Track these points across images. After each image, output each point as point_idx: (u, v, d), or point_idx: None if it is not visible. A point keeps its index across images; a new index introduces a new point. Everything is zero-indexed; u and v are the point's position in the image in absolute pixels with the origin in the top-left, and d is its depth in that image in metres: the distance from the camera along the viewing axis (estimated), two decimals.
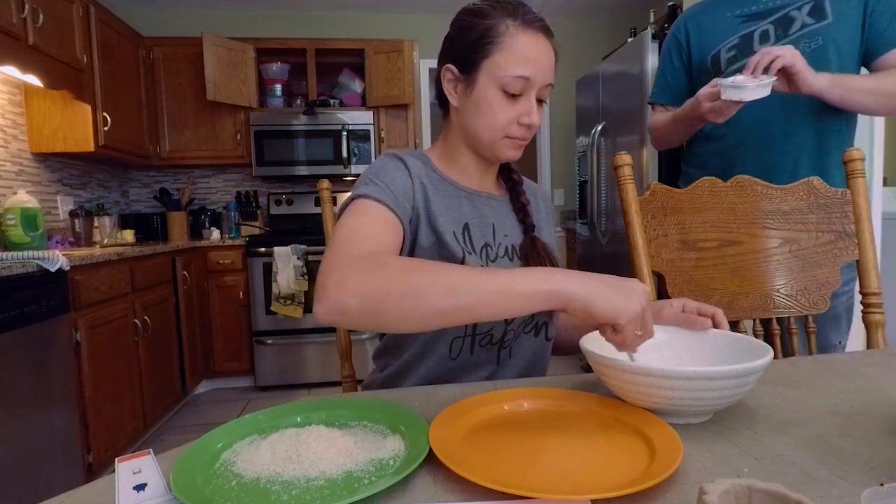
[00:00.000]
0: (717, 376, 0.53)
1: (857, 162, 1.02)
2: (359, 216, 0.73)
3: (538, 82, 0.78)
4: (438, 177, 0.87)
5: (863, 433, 0.54)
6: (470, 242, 0.84)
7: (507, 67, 0.77)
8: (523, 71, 0.77)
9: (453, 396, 0.68)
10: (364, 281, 0.58)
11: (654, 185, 1.03)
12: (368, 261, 0.61)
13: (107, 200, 3.31)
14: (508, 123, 0.80)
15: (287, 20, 3.72)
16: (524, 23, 0.77)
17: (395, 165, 0.82)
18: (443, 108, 0.89)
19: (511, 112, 0.79)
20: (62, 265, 1.76)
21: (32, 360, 1.67)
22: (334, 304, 0.57)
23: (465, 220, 0.85)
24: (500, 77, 0.77)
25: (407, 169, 0.82)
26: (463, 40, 0.80)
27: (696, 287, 1.03)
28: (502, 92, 0.78)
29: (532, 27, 0.78)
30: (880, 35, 1.12)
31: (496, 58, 0.77)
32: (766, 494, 0.32)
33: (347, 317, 0.58)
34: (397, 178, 0.80)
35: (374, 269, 0.59)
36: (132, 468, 0.49)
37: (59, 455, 1.77)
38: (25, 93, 2.56)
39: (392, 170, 0.81)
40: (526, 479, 0.46)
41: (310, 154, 3.40)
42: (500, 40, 0.77)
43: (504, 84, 0.77)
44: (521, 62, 0.77)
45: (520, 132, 0.81)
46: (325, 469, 0.49)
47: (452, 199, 0.86)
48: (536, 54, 0.77)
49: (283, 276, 3.01)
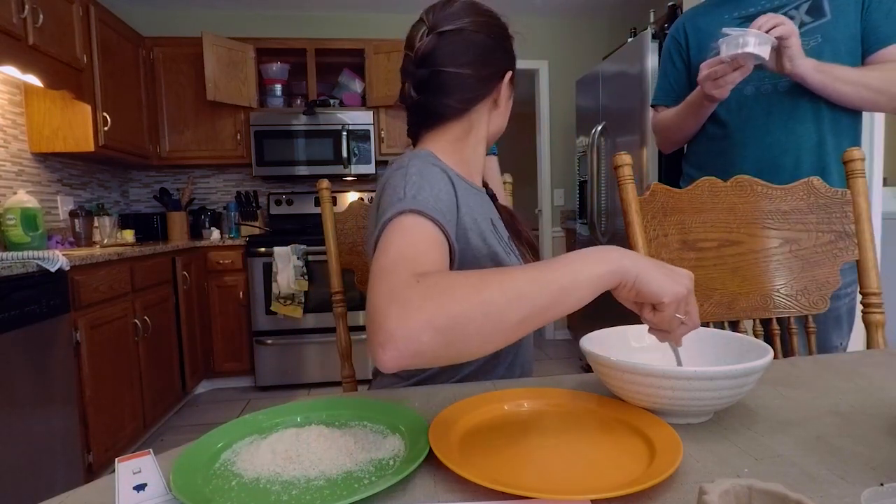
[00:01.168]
0: (717, 376, 0.53)
1: (857, 162, 1.02)
2: (403, 235, 0.63)
3: None
4: (456, 175, 0.83)
5: (863, 433, 0.54)
6: (499, 236, 0.87)
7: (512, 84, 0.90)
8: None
9: (453, 396, 0.68)
10: (435, 312, 0.49)
11: (654, 185, 1.03)
12: (430, 286, 0.52)
13: (107, 200, 3.31)
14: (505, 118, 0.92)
15: (287, 20, 3.72)
16: None
17: (438, 175, 0.74)
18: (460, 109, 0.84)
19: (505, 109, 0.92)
20: (62, 265, 1.76)
21: (32, 360, 1.67)
22: (405, 346, 0.48)
23: (488, 215, 0.88)
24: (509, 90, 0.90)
25: (448, 177, 0.76)
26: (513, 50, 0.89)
27: (696, 287, 1.02)
28: None
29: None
30: (874, 31, 1.12)
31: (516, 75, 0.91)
32: (766, 494, 0.32)
33: (423, 356, 0.49)
34: (443, 190, 0.72)
35: (441, 294, 0.50)
36: (132, 468, 0.49)
37: (59, 455, 1.77)
38: (25, 93, 2.56)
39: (436, 179, 0.73)
40: (526, 479, 0.46)
41: (310, 154, 3.40)
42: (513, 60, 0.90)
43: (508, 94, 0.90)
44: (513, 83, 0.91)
45: None
46: (325, 469, 0.49)
47: (473, 197, 0.85)
48: None
49: (283, 276, 3.01)
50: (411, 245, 0.62)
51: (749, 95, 1.21)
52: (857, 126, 1.21)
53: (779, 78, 1.18)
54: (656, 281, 0.55)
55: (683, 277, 0.58)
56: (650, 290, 0.55)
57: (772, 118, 1.19)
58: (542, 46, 3.97)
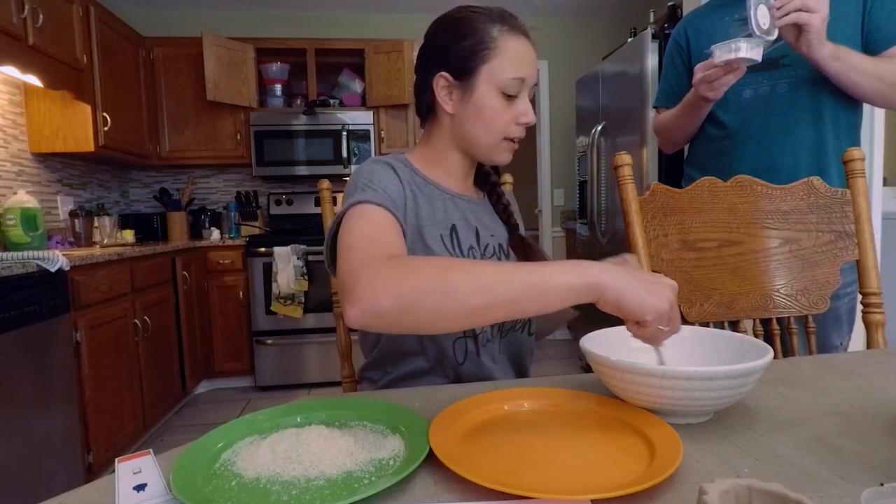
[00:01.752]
0: (717, 376, 0.53)
1: (857, 162, 1.02)
2: (364, 219, 0.72)
3: (530, 82, 0.83)
4: (422, 180, 0.88)
5: (863, 433, 0.54)
6: (458, 244, 0.86)
7: (505, 71, 0.80)
8: (520, 73, 0.81)
9: (453, 396, 0.68)
10: (398, 281, 0.57)
11: (653, 185, 1.03)
12: (398, 262, 0.60)
13: (107, 200, 3.31)
14: (507, 125, 0.83)
15: (287, 20, 3.72)
16: (512, 27, 0.82)
17: (386, 171, 0.82)
18: (425, 114, 0.90)
19: (510, 113, 0.82)
20: (62, 265, 1.76)
21: (32, 360, 1.67)
22: (368, 307, 0.56)
23: (451, 221, 0.87)
24: (500, 80, 0.80)
25: (397, 175, 0.83)
26: (458, 48, 0.81)
27: (696, 287, 1.02)
28: (502, 95, 0.81)
29: (520, 31, 0.83)
30: (879, 30, 1.12)
31: (494, 63, 0.80)
32: (766, 494, 0.32)
33: (382, 318, 0.57)
34: (390, 184, 0.80)
35: (407, 269, 0.58)
36: (132, 468, 0.49)
37: (59, 455, 1.77)
38: (25, 93, 2.56)
39: (383, 175, 0.81)
40: (526, 479, 0.46)
41: (310, 154, 3.40)
42: (495, 45, 0.80)
43: (503, 87, 0.80)
44: (516, 65, 0.81)
45: (517, 132, 0.84)
46: (325, 469, 0.49)
47: (438, 202, 0.87)
48: (529, 56, 0.82)
49: (283, 276, 3.01)
50: (374, 226, 0.70)
51: (747, 98, 1.21)
52: (857, 126, 1.21)
53: (777, 79, 1.17)
54: (638, 298, 0.55)
55: (666, 290, 0.57)
56: (632, 307, 0.55)
57: (770, 119, 1.19)
58: (542, 46, 3.96)
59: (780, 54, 1.17)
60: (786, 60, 1.17)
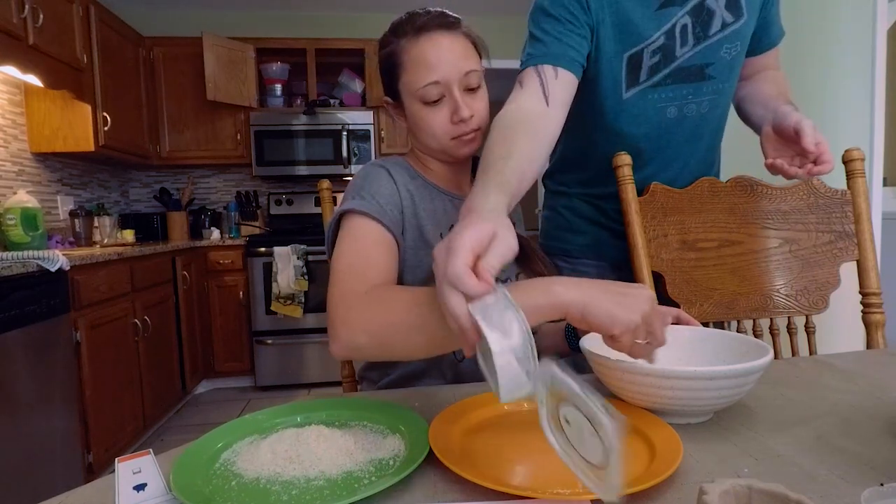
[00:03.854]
0: (717, 376, 0.53)
1: (856, 162, 1.02)
2: (353, 242, 0.74)
3: (451, 78, 0.79)
4: (423, 181, 0.89)
5: (863, 433, 0.54)
6: None
7: (415, 82, 0.80)
8: (428, 78, 0.79)
9: (453, 396, 0.67)
10: (370, 318, 0.61)
11: (653, 185, 1.03)
12: (372, 297, 0.63)
13: (107, 200, 3.31)
14: (444, 127, 0.82)
15: (287, 20, 3.71)
16: (415, 33, 0.79)
17: (379, 174, 0.83)
18: None
19: (441, 116, 0.81)
20: (62, 265, 1.76)
21: (32, 360, 1.67)
22: (346, 343, 0.61)
23: (451, 222, 0.87)
24: (415, 92, 0.80)
25: (392, 178, 0.83)
26: (382, 73, 0.86)
27: (696, 287, 1.02)
28: (424, 104, 0.81)
29: (424, 33, 0.79)
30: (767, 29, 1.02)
31: (404, 78, 0.81)
32: (766, 494, 0.32)
33: (360, 352, 0.63)
34: (383, 188, 0.81)
35: (378, 305, 0.62)
36: (132, 468, 0.49)
37: (59, 455, 1.77)
38: (25, 93, 2.56)
39: (376, 179, 0.82)
40: (526, 479, 0.46)
41: (310, 154, 3.40)
42: (400, 60, 0.81)
43: (421, 97, 0.80)
44: (423, 71, 0.79)
45: (460, 129, 0.82)
46: (325, 469, 0.49)
47: (438, 202, 0.88)
48: (436, 55, 0.79)
49: (283, 276, 3.01)
50: (361, 254, 0.73)
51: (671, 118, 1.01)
52: None
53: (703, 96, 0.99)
54: (605, 312, 0.51)
55: (639, 302, 0.53)
56: (599, 322, 0.52)
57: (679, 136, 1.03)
58: None
59: (706, 61, 0.95)
60: (711, 70, 0.96)
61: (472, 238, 0.47)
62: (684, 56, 0.94)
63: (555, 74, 0.87)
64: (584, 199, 1.11)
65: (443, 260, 0.47)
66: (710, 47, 0.95)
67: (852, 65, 2.05)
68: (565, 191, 1.15)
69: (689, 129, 1.01)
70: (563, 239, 1.14)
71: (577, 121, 1.03)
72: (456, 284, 0.45)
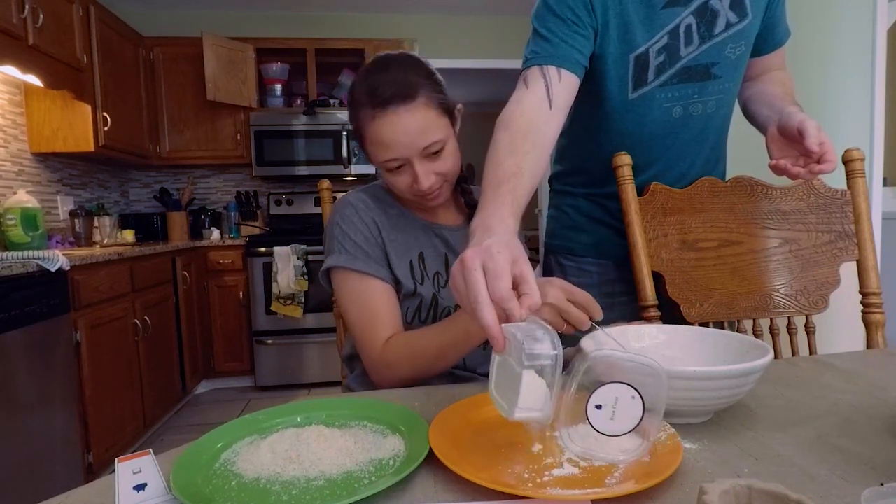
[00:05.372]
0: (717, 376, 0.53)
1: (856, 162, 1.02)
2: (354, 300, 0.86)
3: (410, 154, 0.80)
4: (398, 210, 0.91)
5: (863, 433, 0.54)
6: (424, 270, 0.90)
7: (376, 155, 0.83)
8: (387, 155, 0.81)
9: (453, 396, 0.68)
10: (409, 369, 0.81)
11: (653, 185, 1.03)
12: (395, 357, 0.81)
13: (107, 200, 3.31)
14: (407, 189, 0.85)
15: (287, 20, 3.71)
16: (375, 109, 0.79)
17: (351, 216, 0.88)
18: None
19: (403, 180, 0.84)
20: (62, 265, 1.76)
21: (33, 360, 1.67)
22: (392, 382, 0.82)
23: (420, 249, 0.90)
24: (377, 162, 0.84)
25: (360, 216, 0.88)
26: (351, 123, 0.86)
27: (696, 287, 1.02)
28: (387, 170, 0.84)
29: (384, 111, 0.78)
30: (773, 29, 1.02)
31: (367, 147, 0.84)
32: (766, 494, 0.32)
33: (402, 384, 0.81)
34: (359, 231, 0.87)
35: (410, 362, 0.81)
36: (132, 468, 0.49)
37: (59, 455, 1.77)
38: (25, 93, 2.56)
39: (350, 223, 0.87)
40: (526, 479, 0.46)
41: (310, 154, 3.40)
42: (364, 133, 0.83)
43: (382, 167, 0.84)
44: (383, 149, 0.81)
45: (420, 194, 0.85)
46: (325, 469, 0.49)
47: (410, 231, 0.91)
48: (393, 136, 0.79)
49: (284, 275, 3.01)
50: (365, 312, 0.85)
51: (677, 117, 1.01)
52: None
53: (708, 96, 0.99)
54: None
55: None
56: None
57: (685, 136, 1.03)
58: None
59: (711, 60, 0.95)
60: (717, 70, 0.96)
61: (508, 262, 0.51)
62: (689, 56, 0.95)
63: (559, 77, 0.87)
64: (590, 198, 1.12)
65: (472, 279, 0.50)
66: (715, 47, 0.95)
67: (852, 65, 2.05)
68: (571, 190, 1.15)
69: (694, 129, 1.01)
70: (568, 237, 1.14)
71: (582, 123, 1.04)
72: (503, 304, 0.49)
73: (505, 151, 0.74)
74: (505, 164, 0.72)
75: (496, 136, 0.77)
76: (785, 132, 0.88)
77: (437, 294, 0.90)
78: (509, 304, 0.49)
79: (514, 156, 0.73)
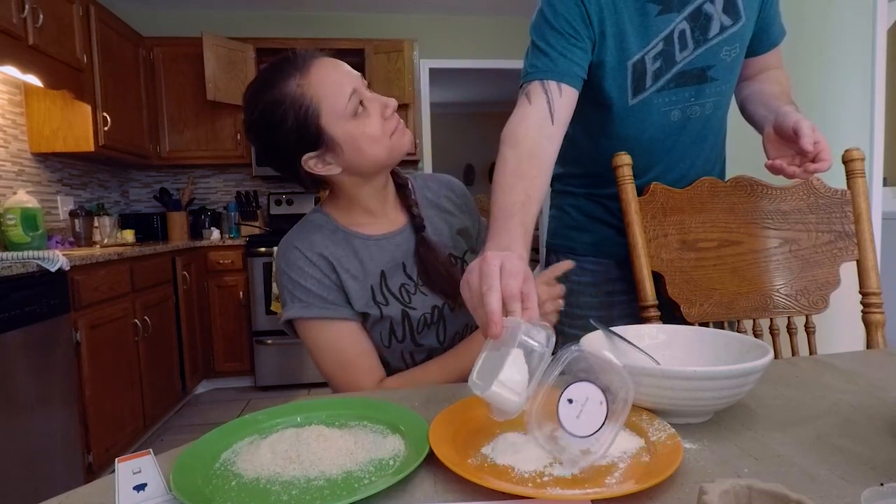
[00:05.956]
0: (717, 376, 0.53)
1: (856, 162, 1.02)
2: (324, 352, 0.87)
3: (357, 84, 0.83)
4: (344, 234, 0.89)
5: (863, 433, 0.54)
6: (387, 290, 0.89)
7: (335, 103, 0.80)
8: (343, 93, 0.81)
9: (453, 396, 0.67)
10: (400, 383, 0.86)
11: (653, 185, 1.03)
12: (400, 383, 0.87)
13: (107, 200, 3.31)
14: (381, 128, 0.84)
15: (287, 20, 3.72)
16: (305, 67, 0.81)
17: (297, 259, 0.86)
18: (316, 185, 0.92)
19: (374, 121, 0.83)
20: (62, 265, 1.76)
21: (33, 360, 1.67)
22: None
23: (380, 268, 0.89)
24: (341, 112, 0.81)
25: (308, 259, 0.86)
26: (289, 131, 0.81)
27: (695, 287, 1.02)
28: (355, 118, 0.82)
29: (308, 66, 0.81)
30: (767, 30, 1.02)
31: (322, 107, 0.80)
32: (766, 494, 0.32)
33: None
34: (308, 277, 0.85)
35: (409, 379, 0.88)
36: (132, 468, 0.49)
37: (59, 455, 1.77)
38: (25, 93, 2.56)
39: (298, 269, 0.86)
40: (526, 479, 0.46)
41: None
42: (307, 97, 0.80)
43: (349, 113, 0.81)
44: (336, 90, 0.81)
45: (392, 123, 0.86)
46: (325, 469, 0.49)
47: (363, 252, 0.89)
48: (337, 74, 0.82)
49: None
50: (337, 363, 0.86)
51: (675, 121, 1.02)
52: None
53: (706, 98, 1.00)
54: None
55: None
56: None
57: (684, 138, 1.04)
58: None
59: (707, 63, 0.95)
60: (713, 72, 0.97)
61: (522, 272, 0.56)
62: (685, 60, 0.95)
63: (559, 92, 0.88)
64: (591, 198, 1.12)
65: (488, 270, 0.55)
66: (710, 50, 0.96)
67: (852, 65, 2.04)
68: (572, 191, 1.16)
69: (693, 131, 1.02)
70: (569, 237, 1.15)
71: (583, 127, 1.05)
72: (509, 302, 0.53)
73: (513, 175, 0.78)
74: (515, 189, 0.76)
75: (503, 153, 0.80)
76: (780, 132, 0.88)
77: (405, 308, 0.89)
78: (514, 303, 0.53)
79: (522, 181, 0.77)
